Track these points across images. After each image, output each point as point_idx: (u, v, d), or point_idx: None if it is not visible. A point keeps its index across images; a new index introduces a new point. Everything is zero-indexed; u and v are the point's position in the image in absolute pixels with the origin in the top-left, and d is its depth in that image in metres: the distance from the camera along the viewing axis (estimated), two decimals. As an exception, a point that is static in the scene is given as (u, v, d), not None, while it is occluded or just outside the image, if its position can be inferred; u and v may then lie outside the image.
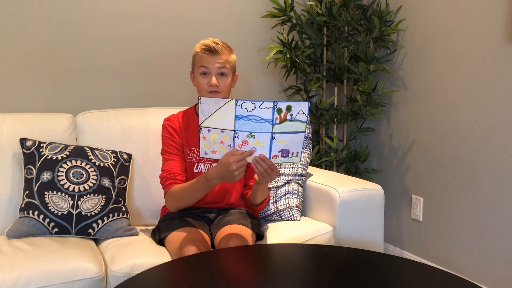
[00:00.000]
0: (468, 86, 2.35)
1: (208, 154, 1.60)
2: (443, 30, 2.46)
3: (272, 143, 1.55)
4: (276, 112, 1.50)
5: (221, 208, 1.93)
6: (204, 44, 1.83)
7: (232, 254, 1.54)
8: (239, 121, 1.52)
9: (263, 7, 2.75)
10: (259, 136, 1.53)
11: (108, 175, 1.97)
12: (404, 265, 1.44)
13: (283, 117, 1.51)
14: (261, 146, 1.55)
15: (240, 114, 1.51)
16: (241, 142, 1.55)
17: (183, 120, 1.92)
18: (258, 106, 1.50)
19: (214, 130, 1.55)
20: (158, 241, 1.83)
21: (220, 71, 1.82)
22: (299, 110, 1.51)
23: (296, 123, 1.53)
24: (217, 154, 1.60)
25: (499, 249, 2.24)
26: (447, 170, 2.48)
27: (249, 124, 1.52)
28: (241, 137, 1.54)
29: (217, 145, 1.57)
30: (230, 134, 1.54)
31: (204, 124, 1.55)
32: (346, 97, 2.81)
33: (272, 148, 1.56)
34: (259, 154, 1.57)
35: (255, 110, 1.50)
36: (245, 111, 1.50)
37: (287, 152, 1.58)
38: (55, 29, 2.35)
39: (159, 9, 2.55)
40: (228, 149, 1.57)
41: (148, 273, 1.37)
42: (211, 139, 1.57)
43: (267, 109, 1.50)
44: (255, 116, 1.51)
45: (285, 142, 1.55)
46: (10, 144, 2.01)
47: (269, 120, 1.51)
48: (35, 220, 1.83)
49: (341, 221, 2.01)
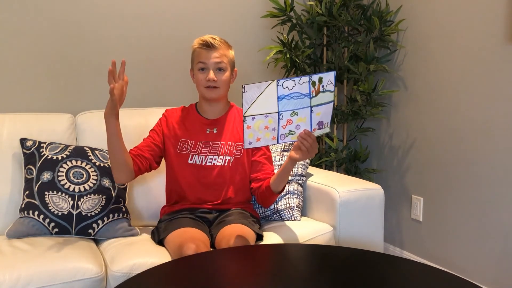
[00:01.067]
0: (468, 86, 2.35)
1: (253, 143, 1.61)
2: (443, 30, 2.46)
3: (312, 117, 1.58)
4: (311, 86, 1.54)
5: (220, 209, 1.93)
6: (201, 40, 1.86)
7: (232, 254, 1.54)
8: (282, 102, 1.54)
9: (263, 7, 2.75)
10: (301, 112, 1.57)
11: (108, 175, 1.97)
12: (404, 265, 1.44)
13: (317, 89, 1.55)
14: (304, 122, 1.59)
15: (282, 94, 1.53)
16: (286, 122, 1.58)
17: (182, 113, 1.96)
18: (297, 82, 1.52)
19: (258, 117, 1.56)
20: (157, 241, 1.83)
21: (218, 66, 1.84)
22: (328, 80, 1.55)
23: (326, 93, 1.56)
24: (262, 141, 1.61)
25: (499, 249, 2.24)
26: (447, 170, 2.48)
27: (291, 102, 1.55)
28: (285, 117, 1.57)
29: (261, 131, 1.58)
30: (274, 117, 1.56)
31: (248, 113, 1.56)
32: (346, 97, 2.82)
33: (312, 122, 1.59)
34: (303, 130, 1.60)
35: (296, 86, 1.53)
36: (287, 89, 1.53)
37: (322, 124, 1.61)
38: (55, 29, 2.35)
39: (159, 9, 2.55)
40: (273, 133, 1.59)
41: (148, 273, 1.37)
42: (255, 127, 1.58)
43: (305, 84, 1.53)
44: (295, 93, 1.54)
45: (321, 114, 1.59)
46: (10, 144, 2.01)
47: (307, 94, 1.54)
48: (35, 220, 1.83)
49: (341, 221, 2.01)
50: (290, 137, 1.61)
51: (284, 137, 1.61)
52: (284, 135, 1.61)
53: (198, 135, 1.91)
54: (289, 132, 1.61)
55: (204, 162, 1.90)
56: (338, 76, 2.72)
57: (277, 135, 1.60)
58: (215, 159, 1.90)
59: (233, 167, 1.91)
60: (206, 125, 1.93)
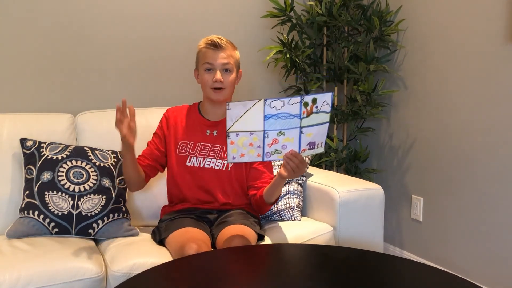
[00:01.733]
0: (468, 86, 2.35)
1: (237, 158, 1.59)
2: (443, 30, 2.46)
3: (301, 138, 1.56)
4: (303, 106, 1.51)
5: (221, 209, 1.93)
6: (208, 40, 1.85)
7: (232, 254, 1.54)
8: (269, 121, 1.52)
9: (263, 7, 2.75)
10: (289, 132, 1.55)
11: (108, 175, 1.97)
12: (404, 265, 1.44)
13: (310, 110, 1.52)
14: (291, 142, 1.57)
15: (269, 114, 1.51)
16: (271, 141, 1.56)
17: (184, 112, 1.96)
18: (286, 103, 1.50)
19: (243, 134, 1.55)
20: (158, 241, 1.83)
21: (224, 67, 1.83)
22: (324, 101, 1.52)
23: (321, 114, 1.54)
24: (246, 157, 1.59)
25: (499, 249, 2.24)
26: (447, 170, 2.48)
27: (278, 122, 1.53)
28: (271, 136, 1.55)
29: (245, 148, 1.57)
30: (259, 135, 1.54)
31: (232, 129, 1.54)
32: (346, 97, 2.81)
33: (301, 143, 1.57)
34: (290, 150, 1.58)
35: (284, 107, 1.51)
36: (274, 109, 1.51)
37: (314, 144, 1.59)
38: (55, 29, 2.35)
39: (159, 10, 2.55)
40: (258, 150, 1.57)
41: (148, 273, 1.37)
42: (239, 143, 1.56)
43: (295, 104, 1.51)
44: (284, 113, 1.52)
45: (312, 135, 1.57)
46: (10, 144, 2.01)
47: (297, 115, 1.52)
48: (35, 220, 1.83)
49: (341, 221, 2.01)
50: (276, 156, 1.59)
51: (269, 155, 1.59)
52: (269, 153, 1.58)
53: (197, 136, 1.91)
54: (275, 151, 1.58)
55: (202, 164, 1.89)
56: (338, 76, 2.72)
57: (262, 152, 1.58)
58: (213, 162, 1.89)
59: (232, 172, 1.91)
60: (207, 126, 1.92)
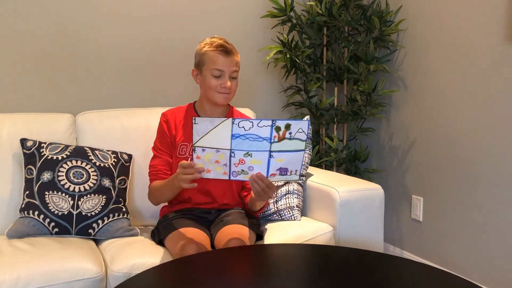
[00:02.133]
0: (468, 86, 2.35)
1: (202, 173, 1.56)
2: (443, 30, 2.46)
3: (270, 162, 1.51)
4: (274, 130, 1.46)
5: (219, 209, 1.93)
6: (218, 44, 1.81)
7: (232, 254, 1.54)
8: (236, 140, 1.48)
9: (263, 7, 2.75)
10: (257, 154, 1.50)
11: (108, 176, 1.97)
12: (404, 265, 1.44)
13: (282, 136, 1.47)
14: (259, 165, 1.52)
15: (237, 133, 1.48)
16: (238, 161, 1.51)
17: (180, 114, 1.94)
18: (256, 124, 1.46)
19: (209, 150, 1.52)
20: (157, 241, 1.83)
21: (233, 74, 1.83)
22: (299, 128, 1.47)
23: (295, 141, 1.49)
24: (212, 173, 1.56)
25: (499, 249, 2.24)
26: (447, 170, 2.48)
27: (246, 142, 1.48)
28: (237, 156, 1.51)
29: (212, 164, 1.54)
30: (226, 153, 1.51)
31: (198, 143, 1.51)
32: (346, 97, 2.81)
33: (270, 167, 1.52)
34: (256, 172, 1.54)
35: (253, 128, 1.47)
36: (242, 129, 1.47)
37: (286, 170, 1.54)
38: (55, 29, 2.35)
39: (159, 10, 2.55)
40: (224, 168, 1.54)
41: (148, 273, 1.37)
42: (205, 159, 1.53)
43: (265, 127, 1.46)
44: (252, 134, 1.47)
45: (284, 161, 1.52)
46: (10, 144, 2.01)
47: (267, 138, 1.47)
48: (35, 220, 1.83)
49: (341, 221, 2.01)
50: (243, 176, 1.55)
51: (236, 174, 1.56)
52: (236, 172, 1.55)
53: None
54: (241, 171, 1.55)
55: None
56: (338, 76, 2.72)
57: (228, 171, 1.55)
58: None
59: None
60: None
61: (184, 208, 1.91)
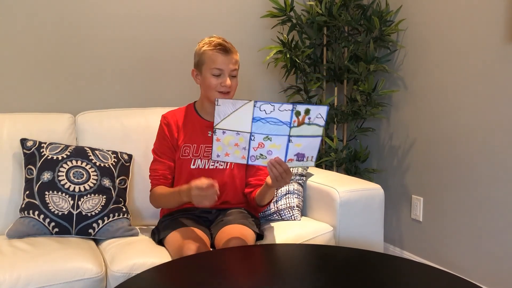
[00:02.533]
0: (468, 86, 2.35)
1: (221, 156, 1.57)
2: (443, 30, 2.46)
3: (289, 146, 1.53)
4: (294, 115, 1.48)
5: (220, 208, 1.93)
6: (216, 43, 1.81)
7: (232, 254, 1.54)
8: (257, 123, 1.50)
9: (263, 7, 2.75)
10: (276, 139, 1.51)
11: (108, 176, 1.97)
12: (404, 265, 1.44)
13: (301, 120, 1.49)
14: (277, 149, 1.53)
15: (258, 116, 1.49)
16: (257, 144, 1.53)
17: (182, 116, 1.93)
18: (277, 108, 1.47)
19: (229, 132, 1.53)
20: (157, 241, 1.83)
21: (233, 73, 1.83)
22: (318, 113, 1.48)
23: (313, 126, 1.50)
24: (230, 156, 1.57)
25: (499, 249, 2.24)
26: (447, 170, 2.48)
27: (266, 126, 1.50)
28: (257, 139, 1.52)
29: (231, 147, 1.55)
30: (246, 136, 1.52)
31: (219, 126, 1.52)
32: (346, 97, 2.82)
33: (288, 152, 1.54)
34: (275, 157, 1.54)
35: (274, 112, 1.48)
36: (264, 113, 1.48)
37: (303, 156, 1.55)
38: (55, 29, 2.35)
39: (159, 10, 2.55)
40: (243, 152, 1.55)
41: (148, 273, 1.37)
42: (225, 142, 1.54)
43: (286, 112, 1.48)
44: (273, 118, 1.49)
45: (301, 146, 1.53)
46: (10, 144, 2.01)
47: (287, 122, 1.49)
48: (36, 220, 1.83)
49: (341, 221, 2.01)
50: (261, 161, 1.56)
51: (254, 159, 1.56)
52: (254, 157, 1.56)
53: (199, 138, 1.90)
54: (260, 156, 1.55)
55: (207, 165, 1.89)
56: (338, 76, 2.72)
57: (247, 155, 1.56)
58: (218, 162, 1.89)
59: (234, 170, 1.91)
60: (208, 127, 1.92)
61: (185, 207, 1.91)
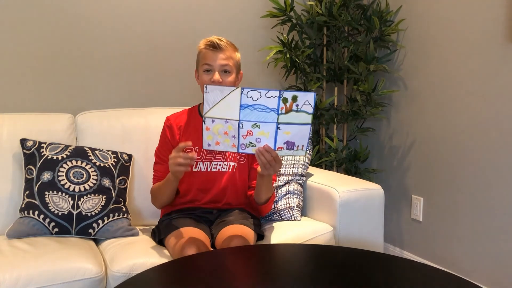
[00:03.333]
0: (468, 86, 2.35)
1: (212, 145, 1.57)
2: (443, 30, 2.46)
3: (278, 134, 1.53)
4: (281, 102, 1.48)
5: (221, 209, 1.93)
6: (208, 41, 1.83)
7: (232, 254, 1.54)
8: (244, 111, 1.50)
9: (263, 7, 2.75)
10: (264, 126, 1.51)
11: (108, 176, 1.97)
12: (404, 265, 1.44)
13: (289, 107, 1.49)
14: (266, 137, 1.53)
15: (246, 103, 1.49)
16: (246, 132, 1.53)
17: (185, 118, 1.92)
18: (264, 94, 1.48)
19: (218, 121, 1.53)
20: (157, 241, 1.83)
21: (223, 68, 1.81)
22: (305, 100, 1.48)
23: (301, 114, 1.50)
24: (221, 145, 1.57)
25: (499, 249, 2.24)
26: (447, 170, 2.48)
27: (254, 113, 1.50)
28: (245, 127, 1.52)
29: (220, 136, 1.55)
30: (234, 124, 1.52)
31: (208, 114, 1.52)
32: (346, 97, 2.82)
33: (277, 139, 1.54)
34: (263, 144, 1.55)
35: (261, 98, 1.48)
36: (251, 99, 1.48)
37: (293, 145, 1.55)
38: (55, 29, 2.35)
39: (159, 10, 2.55)
40: (232, 140, 1.55)
41: (148, 273, 1.37)
42: (214, 130, 1.54)
43: (273, 98, 1.48)
44: (260, 105, 1.49)
45: (291, 134, 1.53)
46: (10, 144, 2.01)
47: (274, 109, 1.49)
48: (36, 220, 1.83)
49: (341, 221, 2.01)
50: (251, 149, 1.56)
51: (244, 147, 1.56)
52: (244, 145, 1.56)
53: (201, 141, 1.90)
54: (249, 144, 1.56)
55: (210, 168, 1.88)
56: (338, 76, 2.72)
57: (237, 143, 1.56)
58: (220, 165, 1.89)
59: (237, 173, 1.91)
60: None
61: (185, 208, 1.91)
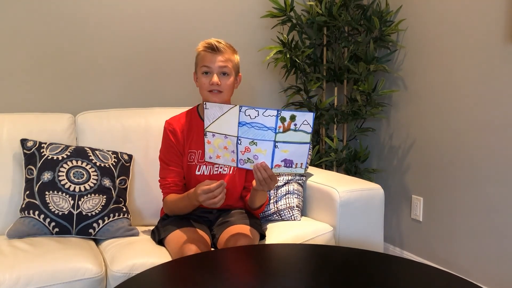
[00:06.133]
0: (468, 86, 2.35)
1: (213, 158, 1.62)
2: (443, 30, 2.46)
3: (275, 152, 1.54)
4: (279, 121, 1.50)
5: (220, 209, 1.93)
6: (206, 43, 1.82)
7: (232, 254, 1.54)
8: (242, 128, 1.52)
9: (263, 7, 2.75)
10: (262, 143, 1.53)
11: (108, 176, 1.97)
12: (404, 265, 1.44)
13: (287, 126, 1.51)
14: (263, 154, 1.55)
15: (244, 121, 1.52)
16: (244, 148, 1.55)
17: (186, 121, 1.90)
18: (261, 113, 1.49)
19: (218, 135, 1.57)
20: (157, 241, 1.83)
21: (222, 70, 1.80)
22: (304, 120, 1.50)
23: (300, 133, 1.51)
24: (221, 159, 1.61)
25: (499, 248, 2.24)
26: (447, 170, 2.48)
27: (251, 131, 1.52)
28: (243, 144, 1.55)
29: (221, 150, 1.59)
30: (233, 140, 1.55)
31: (209, 129, 1.57)
32: (346, 97, 2.82)
33: (274, 157, 1.55)
34: (261, 162, 1.57)
35: (258, 117, 1.50)
36: (248, 117, 1.51)
37: (291, 163, 1.57)
38: (55, 29, 2.35)
39: (159, 10, 2.55)
40: (232, 155, 1.58)
41: (148, 273, 1.37)
42: (215, 144, 1.58)
43: (271, 117, 1.50)
44: (258, 123, 1.51)
45: (289, 152, 1.54)
46: (10, 145, 2.01)
47: (272, 128, 1.51)
48: (36, 220, 1.83)
49: (341, 221, 2.01)
50: (249, 165, 1.59)
51: (243, 162, 1.60)
52: (243, 160, 1.59)
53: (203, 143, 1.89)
54: (247, 160, 1.59)
55: (212, 171, 1.88)
56: (338, 76, 2.72)
57: (236, 158, 1.60)
58: (221, 167, 1.89)
59: (236, 175, 1.91)
60: None
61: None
